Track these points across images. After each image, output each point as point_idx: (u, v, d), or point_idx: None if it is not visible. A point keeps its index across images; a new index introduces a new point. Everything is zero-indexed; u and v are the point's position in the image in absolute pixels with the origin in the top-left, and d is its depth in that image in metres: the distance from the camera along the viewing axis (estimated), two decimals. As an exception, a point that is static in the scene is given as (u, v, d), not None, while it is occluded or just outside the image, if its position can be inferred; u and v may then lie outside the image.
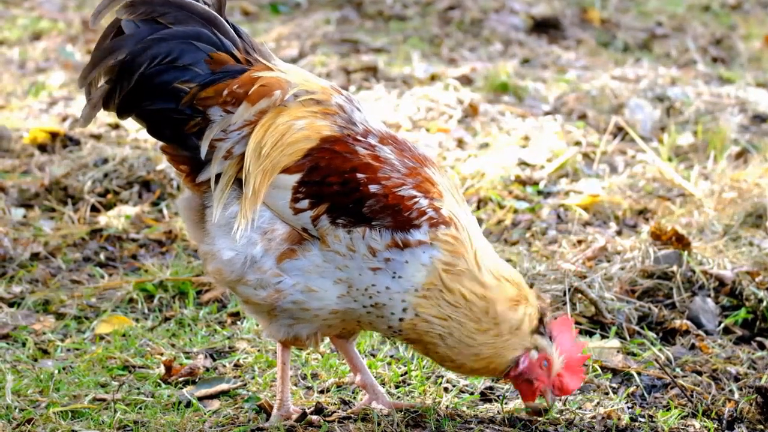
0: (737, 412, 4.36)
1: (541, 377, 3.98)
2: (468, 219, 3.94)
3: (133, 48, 3.91)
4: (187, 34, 3.94)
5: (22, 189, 6.17)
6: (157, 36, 3.92)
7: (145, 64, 3.91)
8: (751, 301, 5.08)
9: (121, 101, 3.95)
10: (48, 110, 7.39)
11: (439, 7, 9.64)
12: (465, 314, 3.87)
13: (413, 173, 3.89)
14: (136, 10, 3.94)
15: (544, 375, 3.98)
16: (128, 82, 3.92)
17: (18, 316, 5.03)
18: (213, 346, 4.76)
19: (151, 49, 3.91)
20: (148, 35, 3.92)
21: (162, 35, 3.93)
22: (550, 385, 4.00)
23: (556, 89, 7.85)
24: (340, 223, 3.84)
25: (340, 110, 3.96)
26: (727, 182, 6.15)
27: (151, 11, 3.93)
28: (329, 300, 3.90)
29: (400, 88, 7.61)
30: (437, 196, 3.88)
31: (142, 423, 4.15)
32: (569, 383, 4.01)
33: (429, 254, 3.84)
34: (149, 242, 5.74)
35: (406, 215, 3.83)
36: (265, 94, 3.94)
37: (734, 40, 9.42)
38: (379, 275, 3.85)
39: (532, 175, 6.46)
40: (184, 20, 3.95)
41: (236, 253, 3.90)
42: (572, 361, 4.00)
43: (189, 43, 3.94)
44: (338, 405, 4.30)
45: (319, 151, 3.89)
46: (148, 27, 3.94)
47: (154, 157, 6.33)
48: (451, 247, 3.85)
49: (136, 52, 3.91)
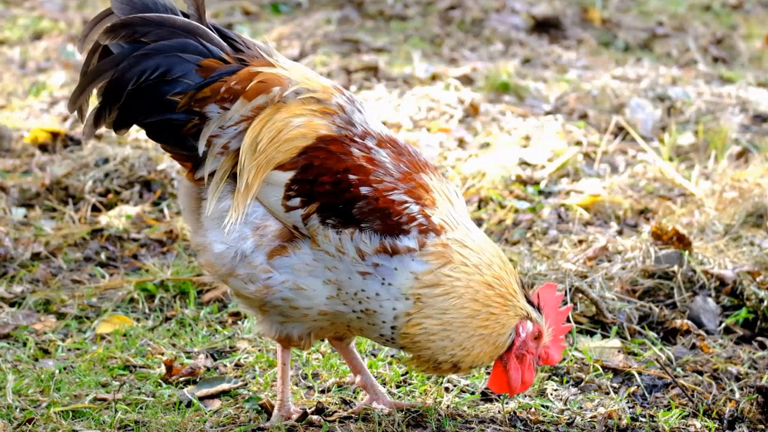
0: (738, 412, 4.36)
1: (531, 350, 3.98)
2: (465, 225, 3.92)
3: (119, 66, 3.91)
4: (172, 47, 3.93)
5: (23, 189, 6.17)
6: (142, 51, 3.91)
7: (133, 80, 3.90)
8: (751, 301, 5.08)
9: (116, 118, 3.95)
10: (49, 110, 7.40)
11: (440, 7, 9.64)
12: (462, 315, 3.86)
13: (407, 178, 3.88)
14: (118, 33, 3.93)
15: (534, 347, 3.98)
16: (117, 100, 3.92)
17: (19, 316, 5.03)
18: (214, 346, 4.76)
19: (138, 65, 3.91)
20: (133, 53, 3.92)
21: (147, 50, 3.91)
22: (536, 357, 4.00)
23: (557, 89, 7.85)
24: (330, 223, 3.84)
25: (339, 110, 3.96)
26: (727, 182, 6.15)
27: (132, 33, 3.93)
28: (318, 300, 3.90)
29: (401, 88, 7.61)
30: (429, 203, 3.87)
31: (142, 423, 4.15)
32: (554, 355, 4.03)
33: (418, 262, 3.83)
34: (150, 242, 5.74)
35: (395, 220, 3.83)
36: (262, 90, 3.94)
37: (735, 40, 9.42)
38: (369, 280, 3.84)
39: (533, 175, 6.46)
40: (167, 36, 3.94)
41: (227, 246, 3.91)
42: (558, 332, 4.01)
43: (175, 55, 3.93)
44: (339, 405, 4.30)
45: (315, 150, 3.89)
46: (133, 47, 3.93)
47: (155, 156, 6.33)
48: (441, 256, 3.84)
49: (124, 69, 3.91)
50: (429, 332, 3.86)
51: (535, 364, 3.99)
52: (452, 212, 3.91)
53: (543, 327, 3.97)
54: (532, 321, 3.95)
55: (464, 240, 3.88)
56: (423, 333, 3.86)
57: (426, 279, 3.82)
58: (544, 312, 3.98)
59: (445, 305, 3.84)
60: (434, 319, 3.85)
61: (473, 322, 3.87)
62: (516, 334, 3.93)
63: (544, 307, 3.98)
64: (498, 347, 3.93)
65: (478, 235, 3.95)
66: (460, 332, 3.87)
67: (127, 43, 3.94)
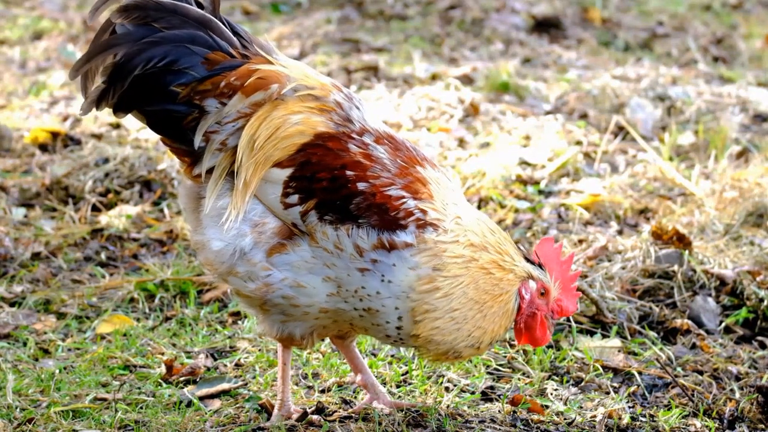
0: (738, 412, 4.36)
1: (540, 306, 3.96)
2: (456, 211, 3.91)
3: (128, 49, 3.92)
4: (181, 38, 3.94)
5: (23, 188, 6.17)
6: (152, 39, 3.92)
7: (140, 66, 3.91)
8: (752, 301, 5.08)
9: (118, 101, 3.96)
10: (49, 110, 7.40)
11: (440, 7, 9.64)
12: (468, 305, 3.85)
13: (404, 173, 3.88)
14: (131, 14, 3.94)
15: (543, 304, 3.97)
16: (122, 83, 3.92)
17: (19, 316, 5.03)
18: (214, 346, 4.76)
19: (146, 51, 3.92)
20: (143, 37, 3.93)
21: (157, 38, 3.92)
22: (549, 312, 3.98)
23: (557, 89, 7.85)
24: (328, 220, 3.84)
25: (337, 107, 3.96)
26: (728, 181, 6.15)
27: (145, 16, 3.94)
28: (318, 297, 3.90)
29: (401, 88, 7.61)
30: (427, 197, 3.87)
31: (143, 422, 4.15)
32: (568, 305, 4.00)
33: (416, 257, 3.83)
34: (150, 242, 5.74)
35: (392, 215, 3.83)
36: (260, 87, 3.94)
37: (735, 40, 9.42)
38: (368, 277, 3.84)
39: (533, 175, 6.46)
40: (178, 25, 3.95)
41: (225, 244, 3.91)
42: (566, 283, 4.00)
43: (184, 46, 3.94)
44: (339, 404, 4.30)
45: (312, 147, 3.89)
46: (145, 30, 3.94)
47: (155, 156, 6.33)
48: (439, 251, 3.84)
49: (132, 53, 3.92)
50: (440, 330, 3.86)
51: (549, 319, 3.97)
52: (447, 202, 3.89)
53: (547, 282, 3.96)
54: (534, 279, 3.94)
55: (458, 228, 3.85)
56: (435, 331, 3.86)
57: (425, 274, 3.82)
58: (546, 267, 3.97)
59: (450, 300, 3.84)
60: (442, 315, 3.85)
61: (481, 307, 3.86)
62: (520, 297, 3.93)
63: (545, 262, 3.97)
64: (508, 315, 3.92)
65: (469, 214, 3.92)
66: (471, 320, 3.86)
67: (138, 26, 3.94)
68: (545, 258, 3.98)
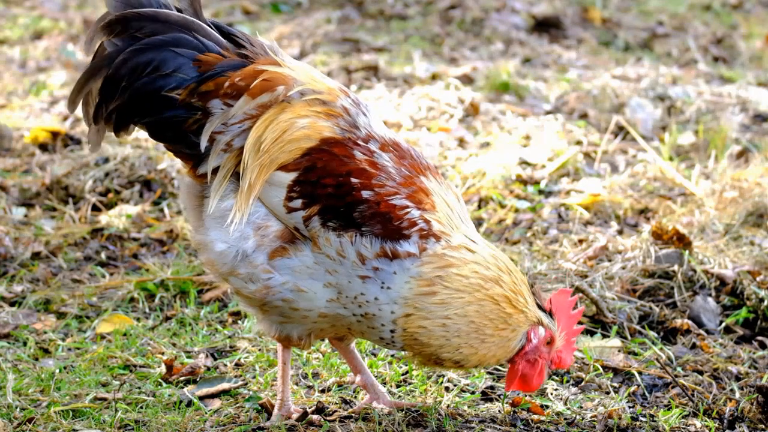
0: (738, 412, 4.36)
1: (543, 355, 3.97)
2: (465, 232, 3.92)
3: (112, 62, 3.92)
4: (166, 42, 3.94)
5: (23, 188, 6.17)
6: (135, 47, 3.92)
7: (127, 76, 3.91)
8: (752, 301, 5.08)
9: (117, 118, 3.96)
10: (49, 109, 7.40)
11: (441, 7, 9.64)
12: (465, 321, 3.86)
13: (408, 182, 3.87)
14: (114, 29, 3.95)
15: (546, 352, 3.98)
16: (113, 97, 3.93)
17: (19, 316, 5.03)
18: (214, 346, 4.76)
19: (131, 60, 3.92)
20: (126, 48, 3.93)
21: (140, 45, 3.92)
22: (548, 362, 3.99)
23: (557, 88, 7.85)
24: (331, 226, 3.83)
25: (344, 113, 3.96)
26: (728, 181, 6.15)
27: (126, 27, 3.94)
28: (318, 302, 3.90)
29: (401, 88, 7.61)
30: (430, 207, 3.87)
31: (143, 422, 4.15)
32: (566, 359, 4.02)
33: (418, 266, 3.83)
34: (150, 241, 5.74)
35: (396, 224, 3.82)
36: (267, 89, 3.93)
37: (735, 40, 9.42)
38: (368, 284, 3.84)
39: (533, 175, 6.46)
40: (161, 31, 3.95)
41: (228, 246, 3.91)
42: (570, 336, 4.01)
43: (169, 50, 3.93)
44: (339, 404, 4.30)
45: (318, 152, 3.88)
46: (130, 41, 3.94)
47: (155, 156, 6.33)
48: (441, 261, 3.84)
49: (117, 65, 3.92)
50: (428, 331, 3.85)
51: (547, 368, 3.99)
52: (452, 216, 3.90)
53: (555, 332, 3.96)
54: (544, 327, 3.95)
55: (463, 246, 3.87)
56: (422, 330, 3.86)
57: (424, 284, 3.82)
58: (556, 317, 3.97)
59: (445, 308, 3.84)
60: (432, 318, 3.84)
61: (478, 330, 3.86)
62: (527, 340, 3.93)
63: (556, 313, 3.97)
64: (506, 351, 3.93)
65: (479, 240, 3.94)
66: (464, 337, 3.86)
67: (123, 40, 3.94)
68: (557, 308, 3.98)
